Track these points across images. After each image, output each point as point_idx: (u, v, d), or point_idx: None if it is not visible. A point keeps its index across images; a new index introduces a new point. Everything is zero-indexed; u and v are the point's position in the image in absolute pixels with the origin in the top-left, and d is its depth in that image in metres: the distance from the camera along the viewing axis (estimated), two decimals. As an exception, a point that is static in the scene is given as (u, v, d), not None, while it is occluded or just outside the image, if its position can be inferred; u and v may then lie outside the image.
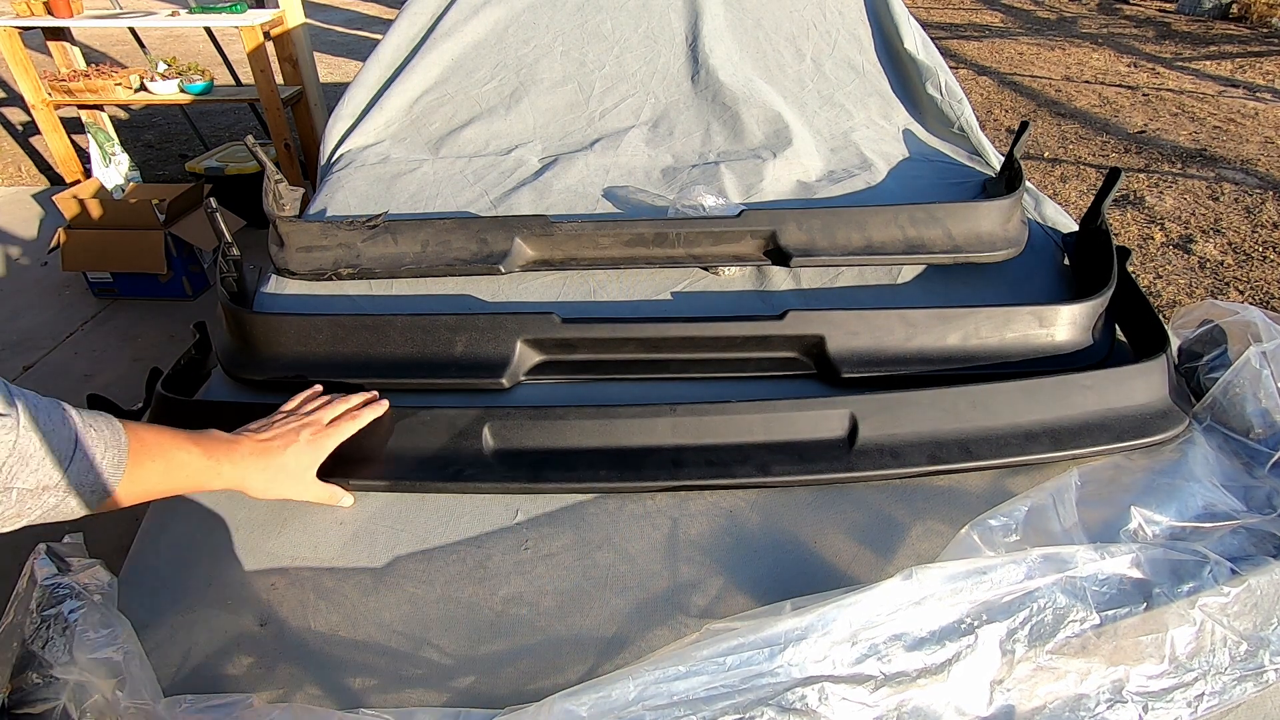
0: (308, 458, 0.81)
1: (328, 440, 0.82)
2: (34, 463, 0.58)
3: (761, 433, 0.87)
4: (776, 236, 1.08)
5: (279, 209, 1.25)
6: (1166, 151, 4.20)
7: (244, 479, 0.77)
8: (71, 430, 0.62)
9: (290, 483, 0.80)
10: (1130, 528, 0.74)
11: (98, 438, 0.64)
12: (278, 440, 0.80)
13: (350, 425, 0.85)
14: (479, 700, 0.68)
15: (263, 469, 0.78)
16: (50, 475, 0.60)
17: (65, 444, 0.61)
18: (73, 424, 0.62)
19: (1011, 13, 7.94)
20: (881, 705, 0.62)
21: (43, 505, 0.60)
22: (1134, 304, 1.02)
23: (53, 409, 0.62)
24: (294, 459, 0.79)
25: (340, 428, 0.84)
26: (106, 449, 0.64)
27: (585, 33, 1.60)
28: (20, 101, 4.71)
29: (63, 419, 0.62)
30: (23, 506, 0.59)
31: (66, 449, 0.61)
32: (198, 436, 0.75)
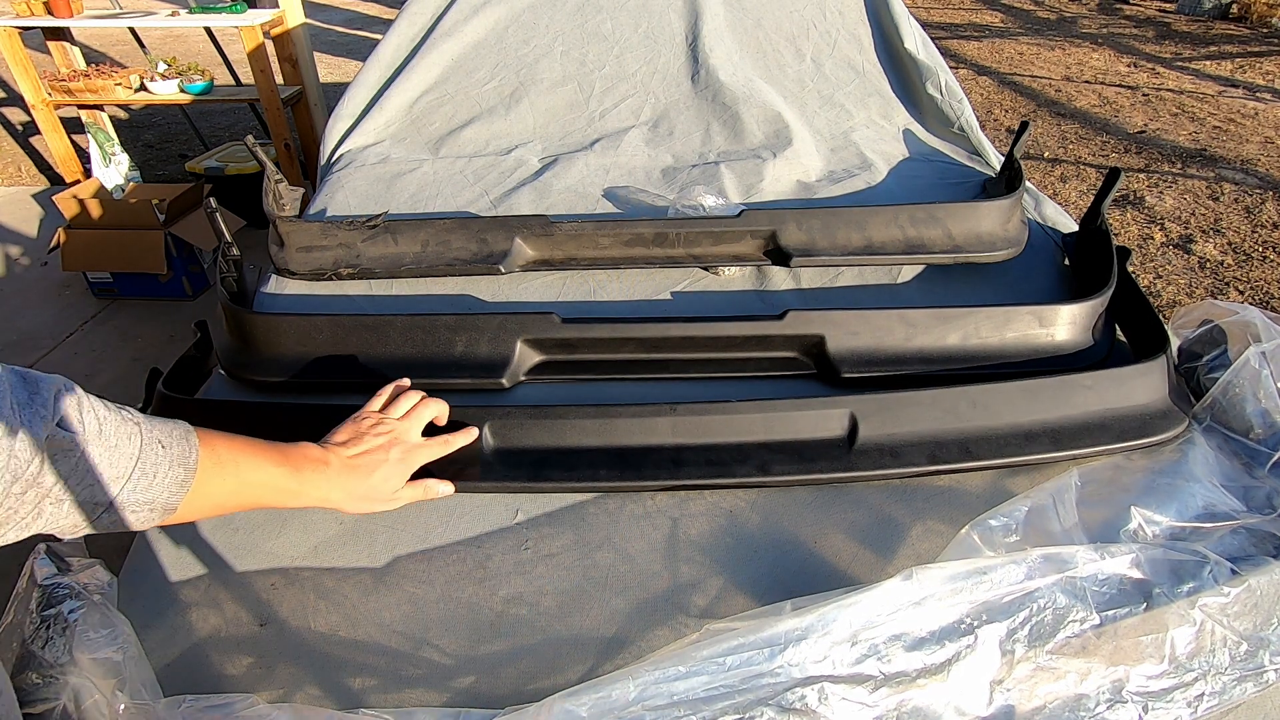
0: (396, 479, 0.78)
1: (416, 459, 0.79)
2: (89, 479, 0.58)
3: (761, 432, 0.87)
4: (776, 236, 1.08)
5: (279, 209, 1.25)
6: (1166, 151, 4.20)
7: (330, 501, 0.74)
8: (135, 448, 0.61)
9: (380, 503, 0.77)
10: (1130, 528, 0.74)
11: (163, 456, 0.63)
12: (366, 459, 0.76)
13: (440, 449, 0.82)
14: (479, 700, 0.68)
15: (351, 492, 0.75)
16: (104, 494, 0.59)
17: (126, 462, 0.60)
18: (137, 443, 0.62)
19: (1011, 13, 7.94)
20: (881, 705, 0.62)
21: (99, 520, 0.60)
22: (1134, 304, 1.02)
23: (121, 425, 0.61)
24: (383, 481, 0.76)
25: (430, 448, 0.81)
26: (171, 468, 0.63)
27: (585, 33, 1.60)
28: (20, 101, 4.71)
29: (129, 435, 0.61)
30: (77, 519, 0.59)
31: (125, 467, 0.60)
32: (286, 453, 0.73)
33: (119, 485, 0.60)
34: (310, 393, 0.97)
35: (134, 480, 0.61)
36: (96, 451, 0.58)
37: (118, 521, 0.61)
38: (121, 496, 0.60)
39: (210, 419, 0.91)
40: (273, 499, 0.72)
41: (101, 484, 0.59)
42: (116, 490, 0.60)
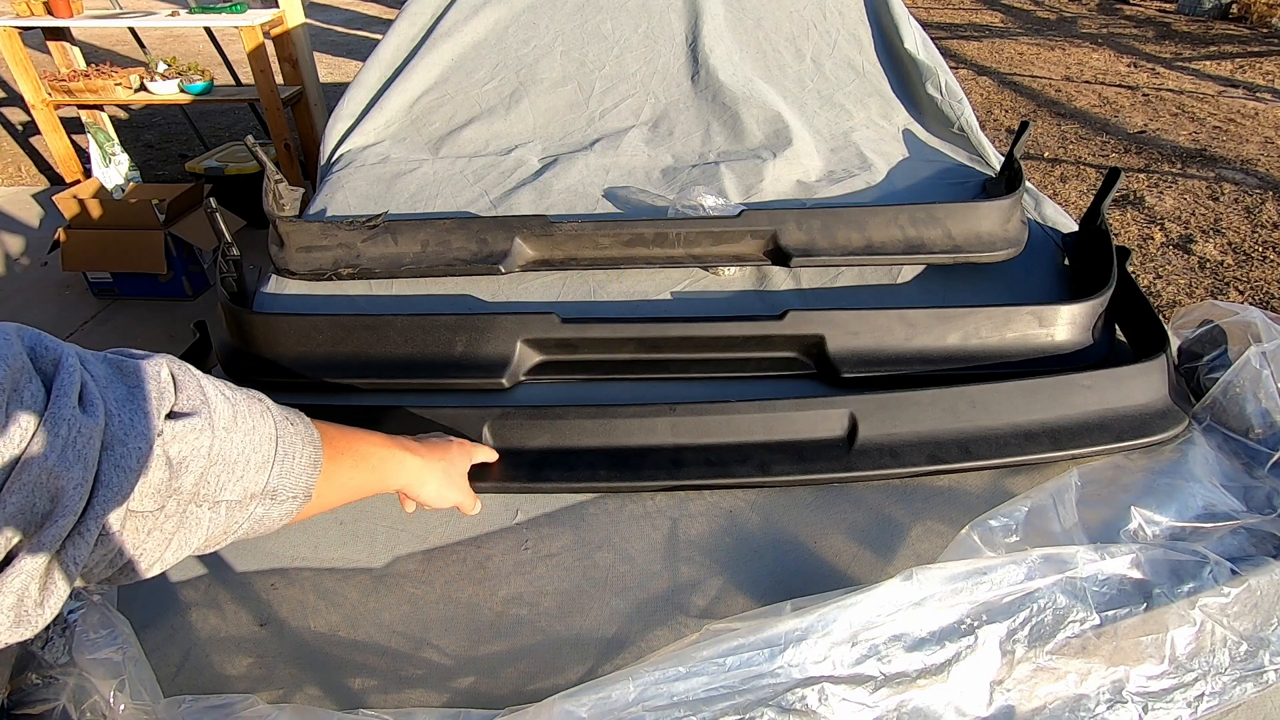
0: (465, 461, 0.77)
1: (472, 448, 0.79)
2: (238, 469, 0.50)
3: (761, 432, 0.87)
4: (776, 236, 1.08)
5: (279, 209, 1.25)
6: (1166, 151, 4.20)
7: (424, 474, 0.70)
8: (271, 426, 0.53)
9: (457, 486, 0.75)
10: (1130, 528, 0.74)
11: (294, 433, 0.55)
12: (439, 441, 0.75)
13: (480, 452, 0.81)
14: (479, 700, 0.68)
15: (439, 462, 0.72)
16: (255, 481, 0.51)
17: (268, 443, 0.52)
18: (272, 418, 0.53)
19: (1011, 13, 7.94)
20: (881, 706, 0.62)
21: (249, 518, 0.52)
22: (1134, 304, 1.02)
23: (251, 401, 0.53)
24: (459, 457, 0.75)
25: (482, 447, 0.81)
26: (304, 445, 0.56)
27: (585, 33, 1.60)
28: (20, 101, 4.71)
29: (263, 412, 0.53)
30: (230, 521, 0.50)
31: (269, 449, 0.52)
32: (370, 432, 0.68)
33: (267, 470, 0.52)
34: (310, 393, 0.97)
35: (279, 463, 0.52)
36: (238, 437, 0.50)
37: (269, 515, 0.53)
38: (272, 482, 0.52)
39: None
40: (380, 476, 0.66)
41: (251, 472, 0.50)
42: (266, 476, 0.51)
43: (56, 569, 0.39)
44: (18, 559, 0.37)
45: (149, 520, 0.45)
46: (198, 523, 0.47)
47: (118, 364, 0.46)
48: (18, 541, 0.37)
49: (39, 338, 0.42)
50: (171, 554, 0.47)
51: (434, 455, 0.72)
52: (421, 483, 0.70)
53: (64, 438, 0.39)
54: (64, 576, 0.39)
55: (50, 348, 0.42)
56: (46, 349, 0.42)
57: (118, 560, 0.44)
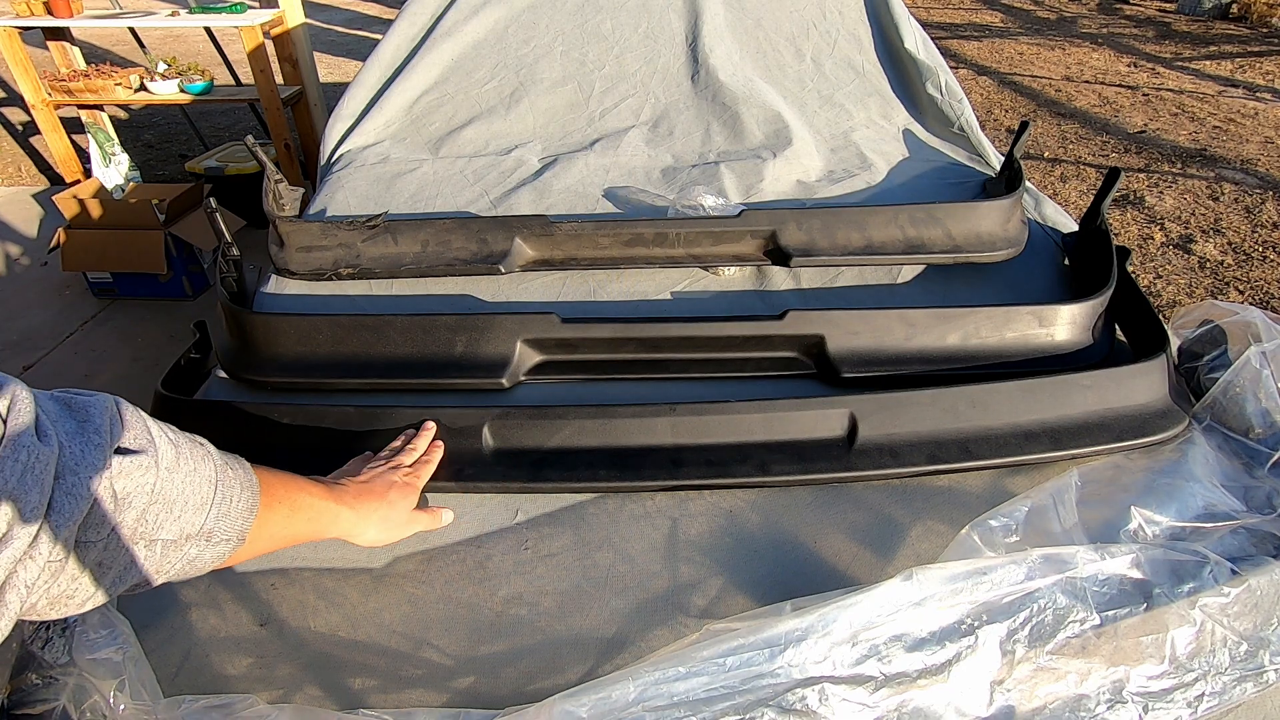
0: (409, 499, 0.78)
1: (417, 481, 0.80)
2: (176, 509, 0.51)
3: (761, 432, 0.87)
4: (776, 236, 1.08)
5: (279, 209, 1.25)
6: (1166, 151, 4.20)
7: (359, 525, 0.73)
8: (211, 469, 0.54)
9: (398, 526, 0.77)
10: (1130, 528, 0.74)
11: (234, 478, 0.57)
12: (378, 482, 0.76)
13: (429, 468, 0.82)
14: (479, 700, 0.68)
15: (374, 512, 0.74)
16: (191, 522, 0.52)
17: (207, 485, 0.53)
18: (213, 462, 0.55)
19: (1011, 13, 7.94)
20: (882, 706, 0.62)
21: (182, 558, 0.53)
22: (1134, 304, 1.02)
23: (194, 445, 0.54)
24: (399, 499, 0.76)
25: (423, 469, 0.81)
26: (242, 491, 0.57)
27: (585, 33, 1.60)
28: (20, 101, 4.71)
29: (204, 456, 0.55)
30: (164, 560, 0.51)
31: (208, 491, 0.53)
32: (314, 481, 0.70)
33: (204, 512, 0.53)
34: (310, 393, 0.97)
35: (216, 505, 0.54)
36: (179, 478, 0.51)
37: (201, 557, 0.54)
38: (208, 524, 0.53)
39: (209, 419, 0.91)
40: (314, 527, 0.69)
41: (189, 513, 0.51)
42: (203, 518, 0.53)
43: (9, 590, 0.40)
44: None
45: (93, 551, 0.45)
46: (134, 559, 0.48)
47: (66, 401, 0.47)
48: None
49: None
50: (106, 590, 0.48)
51: (370, 503, 0.74)
52: (358, 533, 0.73)
53: (23, 463, 0.40)
54: (15, 598, 0.40)
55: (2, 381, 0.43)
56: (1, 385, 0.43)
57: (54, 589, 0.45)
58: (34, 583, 0.41)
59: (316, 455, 0.85)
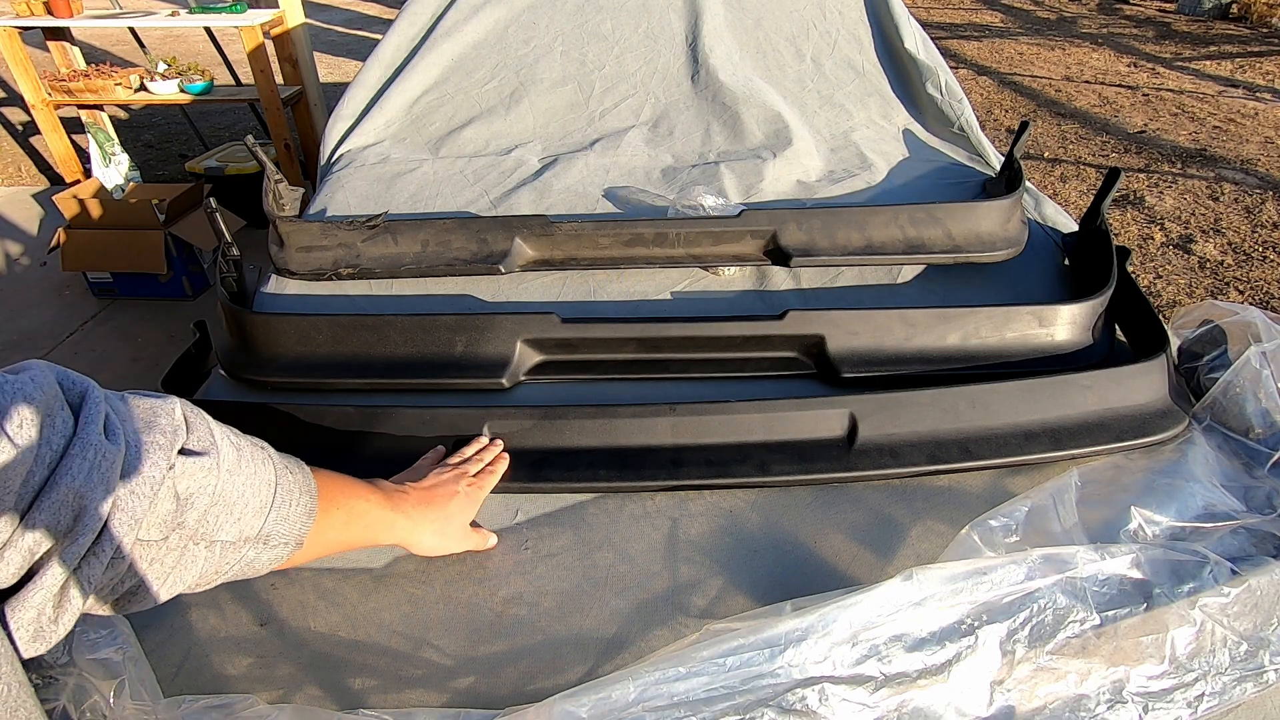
0: (469, 511, 0.78)
1: (480, 492, 0.80)
2: (236, 511, 0.51)
3: (761, 432, 0.87)
4: (776, 236, 1.08)
5: (279, 209, 1.25)
6: (1166, 151, 4.20)
7: (415, 534, 0.73)
8: (271, 472, 0.55)
9: (455, 539, 0.77)
10: (1130, 528, 0.74)
11: (293, 482, 0.57)
12: (441, 491, 0.76)
13: (492, 479, 0.82)
14: (479, 700, 0.68)
15: (432, 523, 0.74)
16: (251, 525, 0.53)
17: (266, 488, 0.54)
18: (273, 465, 0.55)
19: (1011, 13, 7.94)
20: (882, 706, 0.62)
21: (240, 559, 0.54)
22: (1134, 304, 1.02)
23: (255, 448, 0.55)
24: (458, 512, 0.76)
25: (486, 480, 0.81)
26: (301, 494, 0.57)
27: (585, 33, 1.60)
28: (20, 101, 4.71)
29: (265, 459, 0.55)
30: (222, 562, 0.52)
31: (267, 494, 0.53)
32: (374, 485, 0.70)
33: (263, 516, 0.53)
34: (310, 393, 0.97)
35: (275, 509, 0.54)
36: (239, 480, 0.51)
37: (258, 560, 0.55)
38: (267, 528, 0.53)
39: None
40: (370, 533, 0.69)
41: (248, 516, 0.52)
42: (262, 521, 0.53)
43: (73, 586, 0.41)
44: (40, 575, 0.39)
45: (152, 550, 0.46)
46: (194, 559, 0.49)
47: (135, 401, 0.48)
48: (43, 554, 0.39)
49: (66, 372, 0.46)
50: (167, 589, 0.48)
51: (429, 513, 0.74)
52: (414, 542, 0.74)
53: (90, 460, 0.41)
54: (79, 594, 0.41)
55: (76, 381, 0.45)
56: (74, 382, 0.45)
57: (119, 588, 0.46)
58: (96, 580, 0.42)
59: (317, 455, 0.85)
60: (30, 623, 0.39)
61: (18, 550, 0.38)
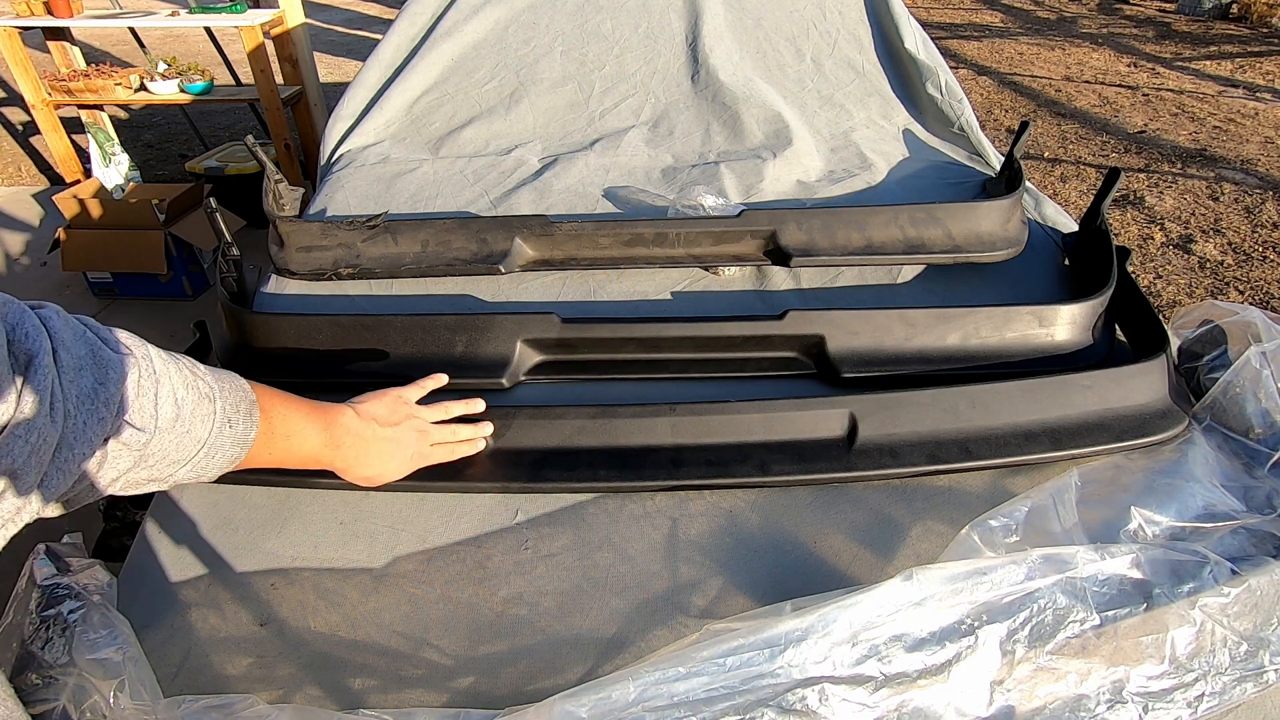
0: (405, 465, 0.80)
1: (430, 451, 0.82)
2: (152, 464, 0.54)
3: (761, 432, 0.87)
4: (776, 236, 1.08)
5: (279, 209, 1.25)
6: (1166, 151, 4.20)
7: (345, 464, 0.76)
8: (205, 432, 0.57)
9: (396, 463, 0.79)
10: (1130, 528, 0.74)
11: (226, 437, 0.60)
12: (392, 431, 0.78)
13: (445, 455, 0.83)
14: (479, 700, 0.68)
15: (365, 467, 0.77)
16: (164, 473, 0.56)
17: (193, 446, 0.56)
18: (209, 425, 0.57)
19: (1011, 13, 7.94)
20: (882, 706, 0.62)
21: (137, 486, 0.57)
22: (1134, 304, 1.02)
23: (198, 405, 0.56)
24: (393, 463, 0.79)
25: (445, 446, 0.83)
26: (230, 448, 0.60)
27: (585, 33, 1.60)
28: (20, 101, 4.71)
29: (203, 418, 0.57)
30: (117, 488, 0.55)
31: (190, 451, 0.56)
32: (327, 421, 0.73)
33: (177, 468, 0.57)
34: (310, 393, 0.97)
35: (194, 462, 0.58)
36: (167, 440, 0.54)
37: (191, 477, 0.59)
38: (176, 475, 0.57)
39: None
40: (301, 464, 0.72)
41: (163, 467, 0.55)
42: (174, 472, 0.57)
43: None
44: None
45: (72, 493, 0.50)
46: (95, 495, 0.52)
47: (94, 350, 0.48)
48: None
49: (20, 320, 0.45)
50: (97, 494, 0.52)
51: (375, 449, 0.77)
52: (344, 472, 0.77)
53: (32, 444, 0.42)
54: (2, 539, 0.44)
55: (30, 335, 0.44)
56: (26, 335, 0.44)
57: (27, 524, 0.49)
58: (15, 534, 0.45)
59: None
60: None
61: None
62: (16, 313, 0.45)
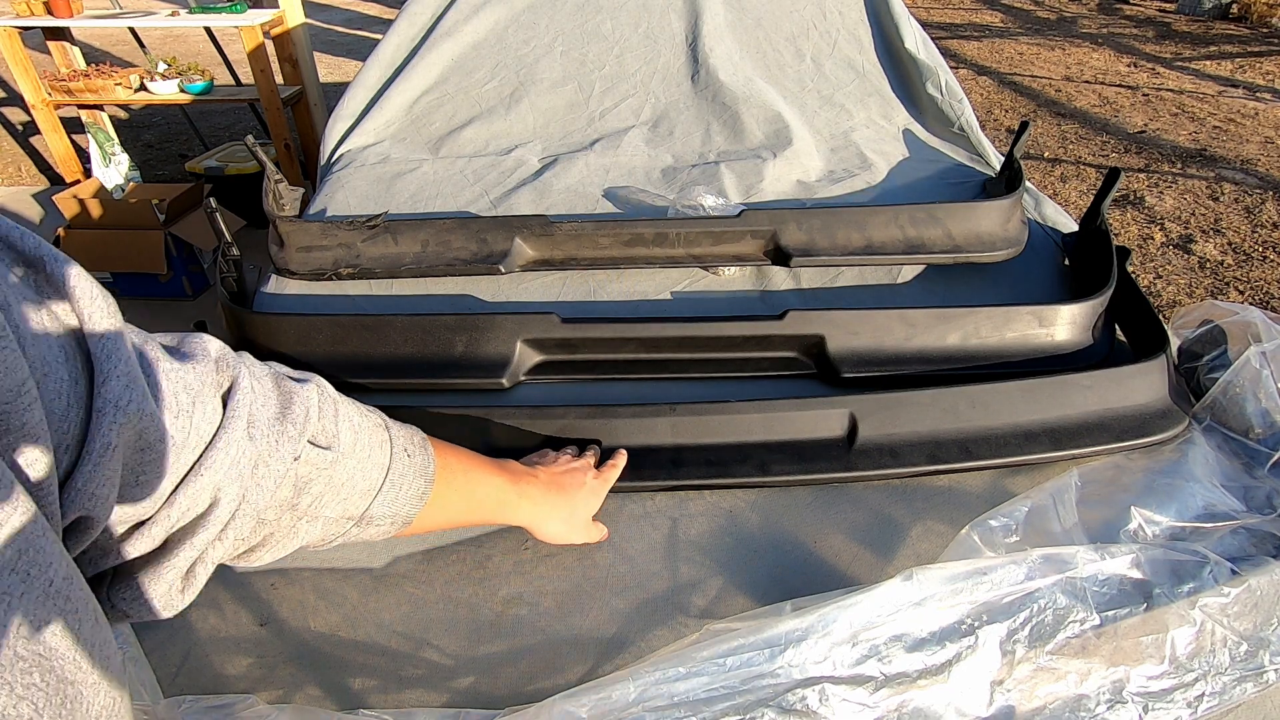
0: (594, 503, 0.78)
1: (604, 486, 0.79)
2: (344, 492, 0.55)
3: (761, 432, 0.87)
4: (776, 236, 1.08)
5: (279, 209, 1.25)
6: (1166, 151, 4.20)
7: (540, 518, 0.73)
8: (385, 458, 0.58)
9: (579, 529, 0.76)
10: (1130, 528, 0.74)
11: (409, 467, 0.61)
12: (569, 479, 0.75)
13: (614, 473, 0.81)
14: (479, 700, 0.68)
15: (559, 509, 0.74)
16: (356, 506, 0.56)
17: (377, 474, 0.57)
18: (387, 452, 0.59)
19: (1011, 13, 7.94)
20: (882, 706, 0.62)
21: (344, 533, 0.58)
22: (1134, 304, 1.02)
23: (373, 432, 0.58)
24: (583, 503, 0.76)
25: (609, 473, 0.80)
26: (414, 479, 0.61)
27: (585, 33, 1.60)
28: (20, 101, 4.71)
29: (380, 444, 0.58)
30: (325, 533, 0.56)
31: (376, 480, 0.57)
32: (501, 464, 0.72)
33: (369, 499, 0.57)
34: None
35: (383, 494, 0.58)
36: (351, 465, 0.55)
37: (362, 535, 0.59)
38: (371, 510, 0.58)
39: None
40: (490, 514, 0.71)
41: (354, 498, 0.56)
42: (367, 504, 0.57)
43: (199, 565, 0.46)
44: (174, 553, 0.44)
45: (266, 527, 0.51)
46: (295, 532, 0.53)
47: (276, 382, 0.52)
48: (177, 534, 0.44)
49: (224, 352, 0.49)
50: (271, 556, 0.53)
51: (557, 499, 0.74)
52: (537, 527, 0.74)
53: (231, 457, 0.45)
54: (204, 572, 0.46)
55: (231, 365, 0.48)
56: (228, 365, 0.48)
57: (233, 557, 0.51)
58: (218, 559, 0.47)
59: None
60: (163, 594, 0.44)
61: (161, 526, 0.42)
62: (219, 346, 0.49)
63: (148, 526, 0.42)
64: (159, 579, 0.43)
